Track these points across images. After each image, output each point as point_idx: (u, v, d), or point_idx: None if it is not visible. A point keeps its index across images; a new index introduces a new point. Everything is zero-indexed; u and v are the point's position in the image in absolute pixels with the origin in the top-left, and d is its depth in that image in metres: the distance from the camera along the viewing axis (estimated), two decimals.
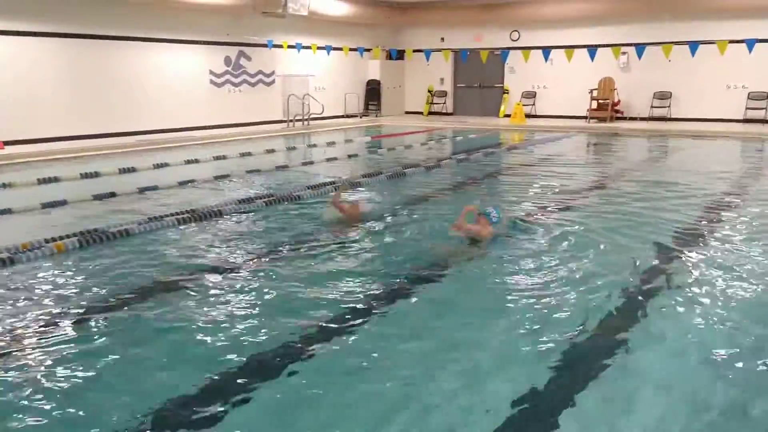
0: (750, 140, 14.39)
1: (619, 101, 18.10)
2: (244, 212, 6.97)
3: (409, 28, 21.17)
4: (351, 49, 17.26)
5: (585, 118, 18.10)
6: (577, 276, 4.76)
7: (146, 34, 14.51)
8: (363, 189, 8.42)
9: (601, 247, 5.55)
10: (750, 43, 12.26)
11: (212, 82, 16.19)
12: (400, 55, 20.34)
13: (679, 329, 3.87)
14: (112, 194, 7.91)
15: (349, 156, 12.01)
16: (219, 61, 16.31)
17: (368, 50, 19.43)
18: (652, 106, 17.87)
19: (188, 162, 10.77)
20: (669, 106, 17.68)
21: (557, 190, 8.45)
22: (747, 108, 16.69)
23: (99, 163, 10.75)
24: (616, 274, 4.82)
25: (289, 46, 17.01)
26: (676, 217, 6.70)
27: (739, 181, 9.26)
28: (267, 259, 5.33)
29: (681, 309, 4.17)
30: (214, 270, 4.99)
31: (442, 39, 20.60)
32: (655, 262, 5.19)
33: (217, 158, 11.35)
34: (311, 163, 11.14)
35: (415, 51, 18.72)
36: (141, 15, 14.29)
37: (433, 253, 5.43)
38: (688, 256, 5.30)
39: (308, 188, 8.18)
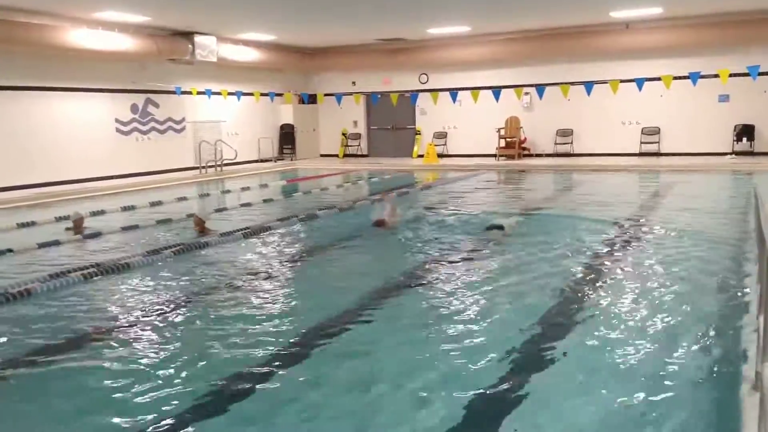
0: (645, 172, 15.38)
1: (525, 139, 18.90)
2: (153, 264, 6.71)
3: (319, 72, 21.42)
4: (262, 94, 17.25)
5: (495, 156, 18.76)
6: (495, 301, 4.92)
7: (47, 83, 13.95)
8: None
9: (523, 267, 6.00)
10: (639, 82, 13.13)
11: (118, 131, 15.70)
12: (312, 99, 20.51)
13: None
14: (9, 250, 7.44)
15: (264, 200, 11.87)
16: (125, 109, 15.87)
17: (279, 95, 19.47)
18: (555, 143, 18.77)
19: (94, 213, 10.30)
20: (571, 143, 18.63)
21: (473, 223, 8.65)
22: (641, 142, 17.82)
23: None
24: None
25: (199, 93, 16.81)
26: (586, 241, 7.24)
27: (641, 206, 10.20)
28: (177, 311, 5.13)
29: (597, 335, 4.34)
30: (121, 326, 4.75)
31: (353, 83, 20.97)
32: (568, 282, 5.51)
33: (125, 209, 10.94)
34: (225, 209, 10.92)
35: (326, 95, 18.93)
36: (42, 64, 13.75)
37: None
38: (593, 278, 5.63)
39: (220, 235, 8.00)
